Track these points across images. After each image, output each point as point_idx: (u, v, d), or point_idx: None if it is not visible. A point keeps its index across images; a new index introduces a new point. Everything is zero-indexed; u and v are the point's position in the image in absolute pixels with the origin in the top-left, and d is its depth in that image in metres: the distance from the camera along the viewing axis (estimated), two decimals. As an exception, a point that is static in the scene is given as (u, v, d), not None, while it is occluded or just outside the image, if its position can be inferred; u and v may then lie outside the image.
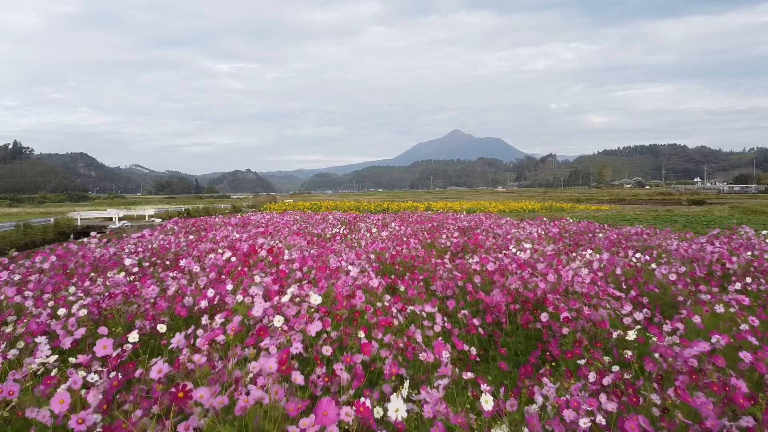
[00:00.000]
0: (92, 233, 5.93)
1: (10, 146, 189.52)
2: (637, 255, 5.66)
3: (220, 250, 4.72)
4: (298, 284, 3.44)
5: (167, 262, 4.53)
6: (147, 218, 21.28)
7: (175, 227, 8.55)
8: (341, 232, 9.15)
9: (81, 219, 19.80)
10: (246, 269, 3.76)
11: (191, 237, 6.79)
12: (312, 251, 5.11)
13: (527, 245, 6.12)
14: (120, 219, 20.09)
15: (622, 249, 6.74)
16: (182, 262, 3.72)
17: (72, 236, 17.68)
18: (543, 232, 8.03)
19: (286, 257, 4.48)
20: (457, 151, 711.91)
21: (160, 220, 17.48)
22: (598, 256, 5.25)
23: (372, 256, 4.93)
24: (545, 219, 11.79)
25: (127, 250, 5.44)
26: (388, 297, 3.32)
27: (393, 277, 4.51)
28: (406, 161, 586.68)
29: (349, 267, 3.95)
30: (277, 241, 5.52)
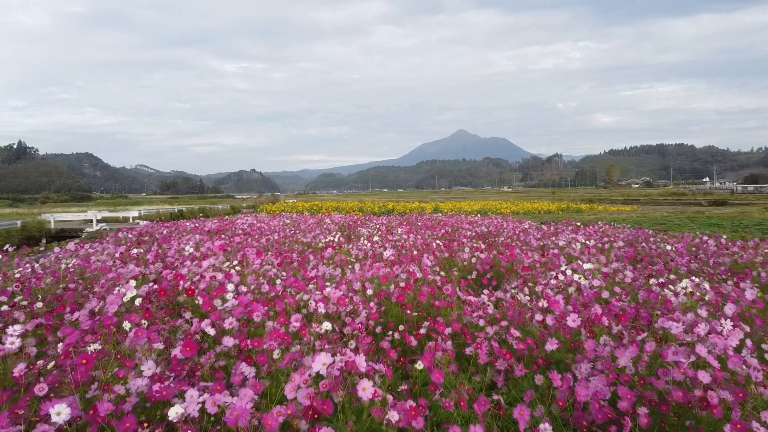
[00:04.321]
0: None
1: (15, 146, 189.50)
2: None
3: (133, 283, 3.03)
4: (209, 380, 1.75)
5: (37, 305, 2.85)
6: (131, 220, 19.59)
7: (129, 235, 6.88)
8: (337, 240, 7.45)
9: (55, 222, 18.02)
10: (138, 332, 2.06)
11: (135, 250, 5.10)
12: (278, 282, 3.40)
13: (587, 265, 4.39)
14: (98, 221, 18.38)
15: (709, 268, 5.00)
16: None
17: (44, 241, 16.08)
18: (590, 242, 6.27)
19: (229, 297, 2.78)
20: (462, 151, 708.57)
21: (145, 222, 15.84)
22: (706, 286, 3.51)
23: (370, 291, 3.22)
24: (578, 223, 10.03)
25: (18, 274, 3.76)
26: (392, 406, 1.61)
27: (402, 328, 2.81)
28: (411, 161, 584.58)
29: (326, 325, 2.25)
30: (233, 264, 3.82)
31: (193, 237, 6.81)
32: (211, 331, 2.15)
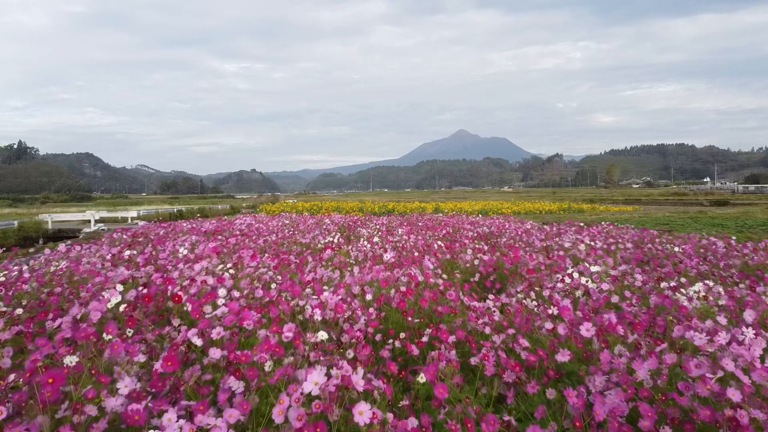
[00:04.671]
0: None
1: (15, 146, 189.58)
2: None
3: (120, 288, 2.88)
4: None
5: (17, 311, 2.70)
6: (130, 220, 19.44)
7: (124, 236, 6.73)
8: (336, 241, 7.30)
9: (53, 222, 17.86)
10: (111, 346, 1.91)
11: (127, 252, 4.95)
12: (273, 286, 3.25)
13: (594, 268, 4.24)
14: (97, 222, 18.22)
15: (719, 270, 4.84)
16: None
17: (41, 241, 15.93)
18: (597, 244, 6.11)
19: (220, 302, 2.64)
20: (462, 151, 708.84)
21: (143, 222, 15.71)
22: (720, 290, 3.36)
23: (369, 296, 3.07)
24: (581, 224, 9.88)
25: (3, 277, 3.61)
26: (392, 426, 1.47)
27: (403, 336, 2.66)
28: (411, 161, 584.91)
29: (321, 334, 2.10)
30: (227, 267, 3.68)
31: (189, 238, 6.67)
32: (198, 342, 2.00)
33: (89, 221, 18.50)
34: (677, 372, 2.11)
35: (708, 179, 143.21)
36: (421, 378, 1.96)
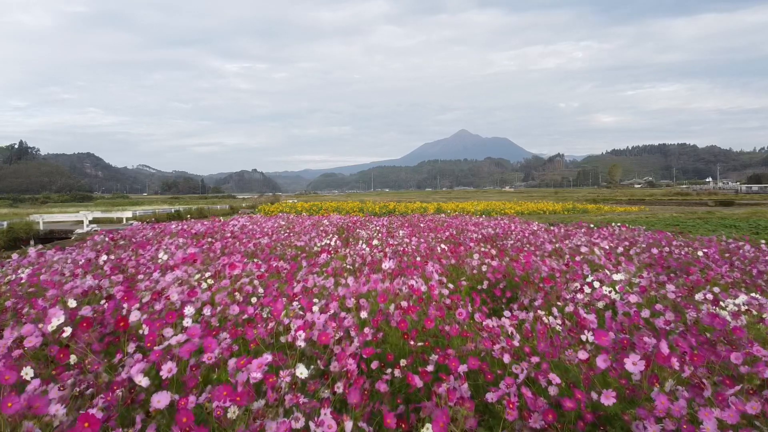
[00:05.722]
0: None
1: (16, 146, 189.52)
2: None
3: (72, 303, 2.45)
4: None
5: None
6: (125, 221, 19.02)
7: (106, 238, 6.31)
8: (333, 243, 6.87)
9: (44, 223, 17.41)
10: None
11: (104, 257, 4.53)
12: (254, 300, 2.82)
13: (618, 276, 3.81)
14: (90, 222, 17.77)
15: (751, 278, 4.40)
16: None
17: (32, 242, 15.50)
18: (619, 248, 5.67)
19: (187, 322, 2.21)
20: (463, 151, 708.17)
21: (136, 223, 15.28)
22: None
23: (364, 314, 2.64)
24: (591, 225, 9.43)
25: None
26: None
27: (404, 363, 2.23)
28: (412, 161, 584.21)
29: (301, 370, 1.67)
30: (205, 276, 3.24)
31: (176, 241, 6.24)
32: (144, 382, 1.57)
33: (82, 222, 18.07)
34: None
35: (710, 179, 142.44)
36: (427, 430, 1.53)
